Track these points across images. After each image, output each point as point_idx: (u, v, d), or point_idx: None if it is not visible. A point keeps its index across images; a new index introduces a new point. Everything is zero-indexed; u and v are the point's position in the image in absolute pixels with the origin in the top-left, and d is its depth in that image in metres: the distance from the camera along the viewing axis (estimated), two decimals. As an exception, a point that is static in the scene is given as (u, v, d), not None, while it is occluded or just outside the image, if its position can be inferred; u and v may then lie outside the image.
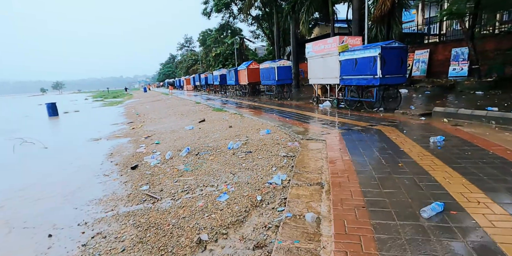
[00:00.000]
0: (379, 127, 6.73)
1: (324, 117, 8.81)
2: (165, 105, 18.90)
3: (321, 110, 10.77)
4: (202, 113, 12.55)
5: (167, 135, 8.36)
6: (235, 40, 37.49)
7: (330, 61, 11.12)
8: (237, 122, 8.97)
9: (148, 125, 11.07)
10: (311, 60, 12.40)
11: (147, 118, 13.58)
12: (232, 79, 22.47)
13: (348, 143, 5.44)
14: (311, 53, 12.23)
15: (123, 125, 12.12)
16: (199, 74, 37.13)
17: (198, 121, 10.06)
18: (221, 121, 9.64)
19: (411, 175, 3.60)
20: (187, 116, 12.21)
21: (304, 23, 18.43)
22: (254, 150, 5.55)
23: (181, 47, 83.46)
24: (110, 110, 21.74)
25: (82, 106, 29.65)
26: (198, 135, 7.65)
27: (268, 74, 16.43)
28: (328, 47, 11.11)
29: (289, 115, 9.60)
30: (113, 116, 16.38)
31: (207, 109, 13.72)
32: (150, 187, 4.37)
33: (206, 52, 52.64)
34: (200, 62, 57.38)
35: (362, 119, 7.95)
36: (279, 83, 15.97)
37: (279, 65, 15.66)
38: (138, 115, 15.21)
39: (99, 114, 18.98)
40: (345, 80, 10.46)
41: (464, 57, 15.10)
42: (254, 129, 7.60)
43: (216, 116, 10.89)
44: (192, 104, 17.24)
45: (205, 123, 9.52)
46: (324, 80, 11.81)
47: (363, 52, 9.41)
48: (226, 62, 42.09)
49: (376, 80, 9.04)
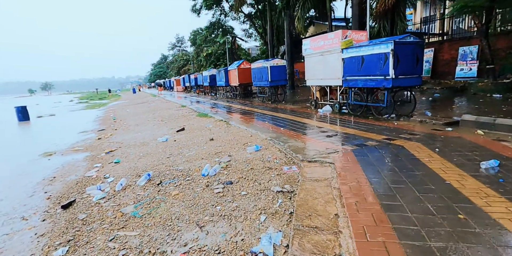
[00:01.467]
0: (399, 142, 5.25)
1: (326, 126, 7.32)
2: (148, 109, 17.23)
3: (321, 116, 9.28)
4: (184, 119, 10.97)
5: (134, 149, 6.76)
6: (226, 39, 35.93)
7: (331, 60, 9.65)
8: (221, 133, 7.42)
9: (119, 134, 9.43)
10: (309, 58, 10.91)
11: (122, 124, 11.92)
12: (222, 80, 20.88)
13: (366, 168, 3.93)
14: (309, 50, 10.75)
15: (92, 133, 10.45)
16: (189, 75, 35.48)
17: (176, 130, 8.48)
18: (202, 130, 8.07)
19: (491, 244, 2.10)
20: (167, 122, 10.61)
21: (300, 19, 16.95)
22: (237, 179, 4.00)
23: (173, 47, 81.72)
24: (88, 114, 19.95)
25: (62, 109, 27.73)
26: (170, 151, 6.07)
27: (260, 75, 14.91)
28: (328, 43, 9.64)
29: (284, 123, 8.08)
30: (87, 122, 14.65)
31: (191, 114, 12.13)
32: (69, 251, 2.77)
33: (197, 52, 51.02)
34: (191, 62, 55.74)
35: (373, 130, 6.46)
36: (273, 85, 14.45)
37: (272, 64, 14.15)
38: (114, 121, 13.53)
39: (74, 119, 17.20)
40: (349, 81, 8.98)
41: (472, 57, 13.81)
42: (240, 143, 6.06)
43: (199, 124, 9.32)
44: (177, 108, 15.61)
45: (183, 134, 7.93)
46: (324, 82, 10.33)
47: (372, 49, 7.95)
48: (218, 62, 40.55)
49: (388, 82, 7.58)
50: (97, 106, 27.09)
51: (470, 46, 13.91)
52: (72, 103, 38.87)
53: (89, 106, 29.79)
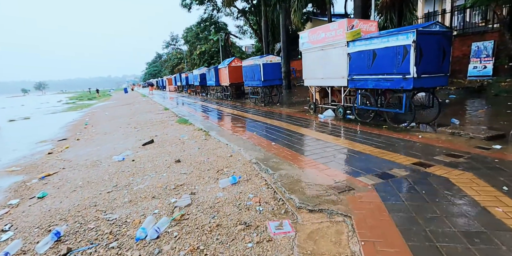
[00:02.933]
0: (440, 170, 3.63)
1: (330, 140, 5.68)
2: (128, 112, 15.51)
3: (322, 123, 7.64)
4: (161, 126, 9.29)
5: (77, 174, 5.09)
6: (220, 37, 34.21)
7: (333, 55, 8.01)
8: (194, 149, 5.75)
9: (77, 147, 7.75)
10: (307, 54, 9.27)
11: (89, 132, 10.24)
12: (212, 79, 19.18)
13: (407, 232, 2.30)
14: (307, 44, 9.10)
15: (49, 145, 8.77)
16: (180, 74, 33.71)
17: (143, 143, 6.81)
18: (173, 145, 6.41)
19: None
20: (140, 130, 8.94)
21: (296, 12, 15.28)
22: (189, 252, 2.35)
23: (167, 45, 79.87)
24: (65, 117, 18.20)
25: (43, 111, 25.91)
26: (118, 179, 4.41)
27: (252, 74, 13.24)
28: (331, 35, 7.99)
29: (277, 135, 6.43)
30: (56, 128, 12.96)
31: (171, 120, 10.46)
32: None
33: (191, 50, 49.25)
34: (184, 60, 53.96)
35: (394, 147, 4.83)
36: (266, 85, 12.79)
37: (265, 62, 12.49)
38: (85, 127, 11.84)
39: (44, 125, 15.46)
40: (356, 81, 7.36)
41: (487, 53, 12.25)
42: (213, 168, 4.40)
43: (174, 134, 7.65)
44: (159, 111, 13.93)
45: (149, 148, 6.27)
46: (325, 82, 8.70)
47: (386, 41, 6.31)
48: (212, 60, 38.83)
49: (408, 82, 5.96)
50: (79, 108, 25.30)
51: (484, 41, 12.36)
52: (58, 104, 37.01)
53: (72, 107, 27.99)
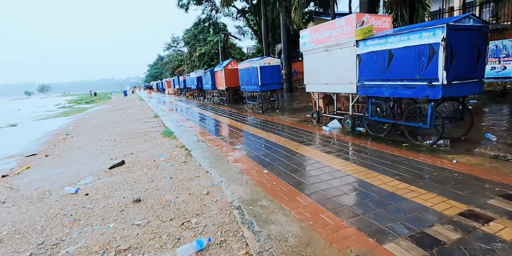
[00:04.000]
0: (505, 230, 2.42)
1: (339, 166, 4.46)
2: (117, 119, 14.38)
3: (327, 138, 6.42)
4: (141, 139, 8.13)
5: (12, 214, 3.94)
6: (219, 38, 33.11)
7: (340, 57, 6.80)
8: (163, 180, 4.55)
9: (39, 167, 6.61)
10: (309, 55, 8.06)
11: (65, 145, 9.12)
12: (208, 83, 18.01)
13: None
14: (309, 45, 7.89)
15: (13, 162, 7.65)
16: (178, 77, 32.62)
17: (114, 163, 5.65)
18: (145, 168, 5.23)
19: None
20: (117, 145, 7.79)
21: (297, 10, 14.09)
22: None
23: (168, 47, 79.18)
24: (52, 124, 17.14)
25: (35, 116, 24.93)
26: (49, 232, 3.24)
27: (248, 77, 12.04)
28: (336, 33, 6.78)
29: (272, 157, 5.22)
30: (35, 138, 11.90)
31: (156, 130, 9.30)
32: None
33: (191, 51, 48.26)
34: (185, 62, 52.97)
35: (425, 180, 3.58)
36: (264, 90, 11.58)
37: (262, 64, 11.29)
38: (64, 138, 10.73)
39: (27, 133, 14.39)
40: (367, 88, 6.14)
41: (507, 53, 10.99)
42: (178, 217, 3.20)
43: (151, 152, 6.47)
44: (147, 119, 12.78)
45: (114, 175, 5.09)
46: (330, 87, 7.48)
47: (407, 39, 5.09)
48: (212, 62, 37.78)
49: (435, 91, 4.73)
50: (72, 113, 24.28)
51: (503, 40, 11.10)
52: (55, 108, 36.13)
53: (66, 112, 27.00)
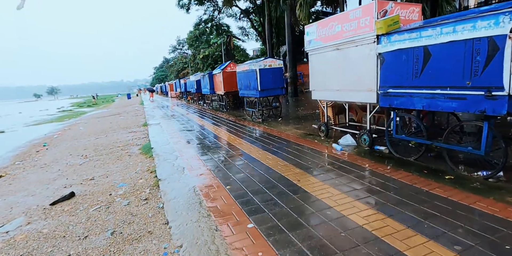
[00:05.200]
0: None
1: (360, 211, 3.03)
2: (104, 127, 13.15)
3: (339, 160, 4.98)
4: (115, 156, 6.81)
5: None
6: (222, 39, 31.97)
7: (355, 57, 5.39)
8: (100, 236, 3.19)
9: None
10: (316, 55, 6.64)
11: (31, 161, 7.88)
12: (207, 87, 16.70)
13: None
14: (315, 42, 6.49)
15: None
16: (179, 80, 31.50)
17: (57, 198, 4.33)
18: (91, 208, 3.89)
19: None
20: (85, 163, 6.50)
21: (303, 6, 12.72)
22: None
23: (174, 49, 78.73)
24: (39, 131, 16.05)
25: (31, 121, 23.99)
26: None
27: (247, 81, 10.67)
28: (351, 27, 5.36)
29: (263, 197, 3.79)
30: (10, 148, 10.75)
31: (137, 144, 7.98)
32: None
33: (195, 54, 47.30)
34: (189, 65, 52.03)
35: (502, 252, 2.17)
36: (264, 95, 10.20)
37: (263, 66, 9.92)
38: (38, 150, 9.52)
39: (7, 141, 13.28)
40: (392, 97, 4.70)
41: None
42: None
43: (115, 177, 5.14)
44: (135, 127, 11.50)
45: (49, 216, 3.77)
46: (342, 95, 6.05)
47: (452, 31, 3.65)
48: (216, 65, 36.66)
49: (498, 104, 3.27)
50: (67, 118, 23.24)
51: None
52: (54, 112, 35.39)
53: (63, 116, 26.05)
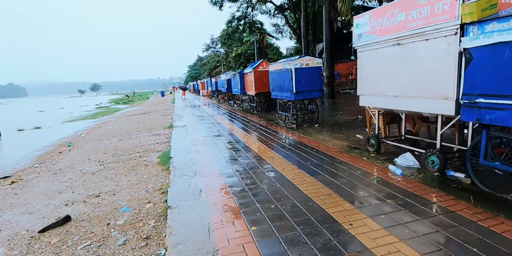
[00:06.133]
0: None
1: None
2: (130, 127, 12.80)
3: (400, 190, 3.73)
4: (131, 165, 6.12)
5: None
6: (255, 37, 31.10)
7: (424, 53, 4.12)
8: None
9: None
10: (368, 53, 5.40)
11: (49, 164, 7.49)
12: (237, 86, 15.86)
13: None
14: (368, 36, 5.26)
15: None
16: (211, 78, 31.19)
17: (49, 223, 3.63)
18: (83, 243, 3.09)
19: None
20: (98, 172, 5.88)
21: None
22: None
23: (207, 48, 79.50)
24: (72, 128, 16.31)
25: (67, 117, 24.87)
26: None
27: (280, 82, 9.61)
28: (420, 15, 4.10)
29: (307, 244, 2.77)
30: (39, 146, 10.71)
31: (157, 150, 7.26)
32: None
33: (227, 52, 47.04)
34: (221, 63, 52.04)
35: None
36: (300, 98, 9.07)
37: (299, 65, 8.80)
38: (61, 151, 9.24)
39: (39, 138, 13.45)
40: (482, 110, 3.39)
41: None
42: None
43: (121, 196, 4.37)
44: (160, 129, 10.92)
45: (29, 252, 3.02)
46: (401, 103, 4.77)
47: None
48: (248, 63, 36.00)
49: None
50: (101, 115, 23.77)
51: None
52: (91, 108, 36.83)
53: (98, 113, 26.79)
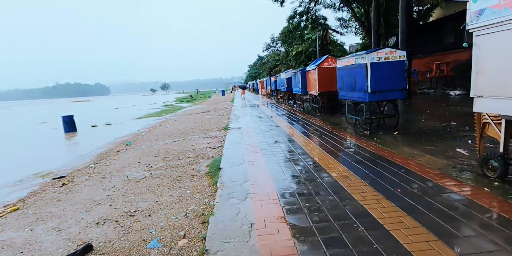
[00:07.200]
0: None
1: None
2: (187, 127, 12.55)
3: None
4: (179, 173, 5.44)
5: None
6: (318, 34, 29.31)
7: None
8: None
9: (27, 210, 4.59)
10: (495, 37, 3.66)
11: (103, 165, 7.31)
12: (298, 85, 14.62)
13: None
14: (496, 12, 3.59)
15: (26, 189, 6.05)
16: (270, 77, 30.39)
17: (73, 248, 2.98)
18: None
19: None
20: (143, 179, 5.32)
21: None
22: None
23: (267, 47, 79.20)
24: (137, 125, 17.02)
25: (136, 114, 26.56)
26: None
27: (351, 80, 8.11)
28: None
29: None
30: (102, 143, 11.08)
31: (208, 156, 6.50)
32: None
33: (287, 50, 45.81)
34: (281, 62, 51.07)
35: None
36: (376, 99, 7.46)
37: (376, 59, 7.21)
38: (119, 150, 9.22)
39: (106, 134, 14.17)
40: None
41: None
42: None
43: (158, 219, 3.59)
44: (215, 131, 10.30)
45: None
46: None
47: None
48: (309, 62, 34.34)
49: None
50: (164, 113, 24.75)
51: None
52: (158, 106, 39.14)
53: (163, 111, 28.13)
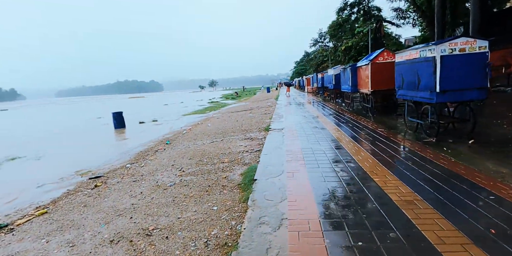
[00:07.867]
0: None
1: None
2: (228, 126, 12.13)
3: None
4: (210, 181, 4.90)
5: None
6: (370, 26, 27.09)
7: None
8: None
9: (53, 215, 4.41)
10: None
11: (137, 166, 7.13)
12: (347, 82, 13.33)
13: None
14: None
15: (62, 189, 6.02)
16: (316, 74, 28.97)
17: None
18: None
19: None
20: (172, 187, 4.88)
21: None
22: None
23: (315, 43, 76.56)
24: (181, 122, 17.26)
25: (183, 110, 27.29)
26: None
27: (413, 76, 6.83)
28: None
29: None
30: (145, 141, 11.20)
31: (242, 163, 5.87)
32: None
33: (336, 45, 43.47)
34: (329, 58, 48.82)
35: None
36: (447, 100, 6.15)
37: (448, 51, 5.89)
38: (157, 150, 9.10)
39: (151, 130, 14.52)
40: None
41: None
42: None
43: (172, 243, 3.03)
44: (255, 132, 9.65)
45: None
46: None
47: None
48: (360, 57, 32.10)
49: None
50: (208, 111, 24.96)
51: None
52: (204, 103, 39.95)
53: (207, 108, 28.48)
